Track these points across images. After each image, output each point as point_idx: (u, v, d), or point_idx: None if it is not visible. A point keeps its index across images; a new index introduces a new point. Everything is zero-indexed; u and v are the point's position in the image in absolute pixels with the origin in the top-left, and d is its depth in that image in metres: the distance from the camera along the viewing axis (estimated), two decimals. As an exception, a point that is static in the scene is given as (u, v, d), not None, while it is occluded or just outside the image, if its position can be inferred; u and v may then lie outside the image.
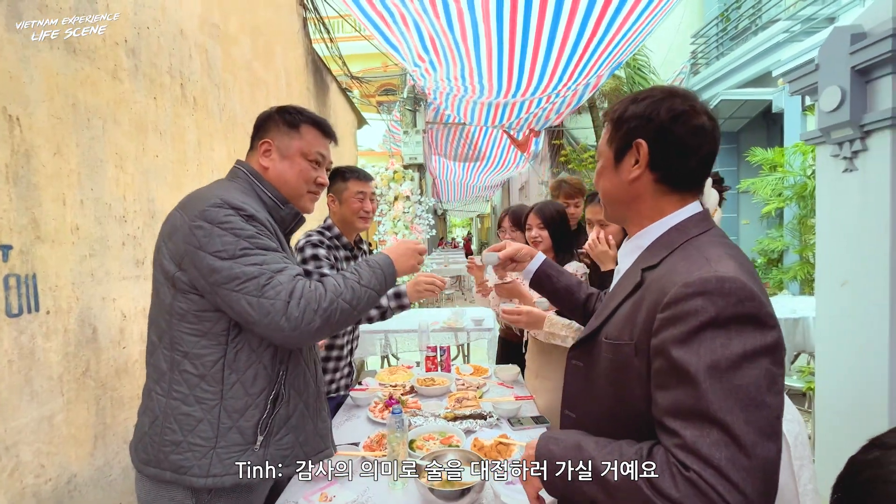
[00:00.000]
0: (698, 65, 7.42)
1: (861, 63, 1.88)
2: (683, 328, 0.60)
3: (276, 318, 0.89)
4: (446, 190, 12.25)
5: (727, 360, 0.57)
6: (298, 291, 0.92)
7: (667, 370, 0.62)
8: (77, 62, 1.24)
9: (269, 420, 1.00)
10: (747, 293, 0.60)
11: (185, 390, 0.96)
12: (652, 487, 0.57)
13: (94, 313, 1.28)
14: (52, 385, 1.15)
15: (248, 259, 0.91)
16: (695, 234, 0.73)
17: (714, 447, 0.55)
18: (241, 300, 0.90)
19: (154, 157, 1.55)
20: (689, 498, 0.55)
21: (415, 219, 7.00)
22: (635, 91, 0.99)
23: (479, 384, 1.98)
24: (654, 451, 0.60)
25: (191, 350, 0.96)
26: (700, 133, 0.74)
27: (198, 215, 0.92)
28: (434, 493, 1.13)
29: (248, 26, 2.29)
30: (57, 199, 1.17)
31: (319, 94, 3.67)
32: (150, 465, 0.97)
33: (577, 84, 4.48)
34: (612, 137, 0.79)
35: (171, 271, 0.95)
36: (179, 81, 1.70)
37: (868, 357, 1.94)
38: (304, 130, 1.10)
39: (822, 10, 5.02)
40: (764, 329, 0.59)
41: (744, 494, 0.53)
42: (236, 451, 0.97)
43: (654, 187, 0.76)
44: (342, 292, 0.96)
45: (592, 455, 0.65)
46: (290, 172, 1.08)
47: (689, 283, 0.62)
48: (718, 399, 0.56)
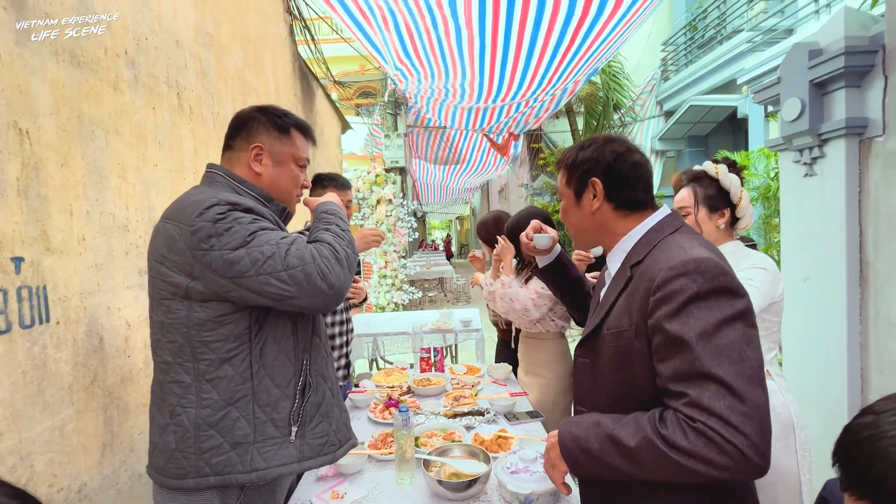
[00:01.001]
0: (668, 71, 7.74)
1: (818, 77, 2.05)
2: (673, 305, 0.71)
3: (314, 282, 0.92)
4: (426, 192, 12.30)
5: (712, 326, 0.67)
6: (315, 252, 0.96)
7: (664, 343, 0.71)
8: (81, 74, 1.25)
9: (301, 409, 1.02)
10: (720, 270, 0.71)
11: (216, 395, 0.97)
12: (666, 443, 0.65)
13: (100, 323, 1.29)
14: (62, 395, 1.16)
15: (258, 242, 0.93)
16: (669, 231, 0.86)
17: (714, 398, 0.64)
18: (269, 280, 0.91)
19: (154, 167, 1.57)
20: (699, 445, 0.63)
21: (397, 222, 7.03)
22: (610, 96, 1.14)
23: (474, 383, 2.05)
24: (665, 414, 0.69)
25: (216, 356, 0.96)
26: (637, 167, 0.90)
27: (196, 220, 0.92)
28: (443, 486, 1.19)
29: (240, 35, 2.30)
30: (65, 211, 1.18)
31: (306, 101, 3.68)
32: (189, 476, 0.97)
33: (556, 89, 4.62)
34: (568, 180, 0.95)
35: (183, 283, 0.94)
36: (176, 91, 1.71)
37: (828, 345, 2.11)
38: (294, 135, 1.11)
39: (782, 23, 5.34)
40: (736, 297, 0.70)
41: (744, 434, 0.62)
42: (273, 444, 0.99)
43: (614, 213, 0.91)
44: (333, 239, 1.01)
45: (611, 428, 0.73)
46: (283, 178, 1.10)
47: (672, 266, 0.73)
48: (710, 359, 0.66)
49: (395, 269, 6.83)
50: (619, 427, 0.72)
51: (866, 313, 2.02)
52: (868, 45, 1.91)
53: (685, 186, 1.48)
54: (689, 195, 1.45)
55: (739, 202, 1.42)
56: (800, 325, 2.30)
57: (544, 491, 1.15)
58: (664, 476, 0.67)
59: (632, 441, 0.68)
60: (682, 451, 0.64)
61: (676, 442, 0.64)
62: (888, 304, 1.92)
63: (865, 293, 2.02)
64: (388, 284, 6.77)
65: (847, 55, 1.91)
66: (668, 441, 0.65)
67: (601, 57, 3.87)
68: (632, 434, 0.69)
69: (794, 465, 1.36)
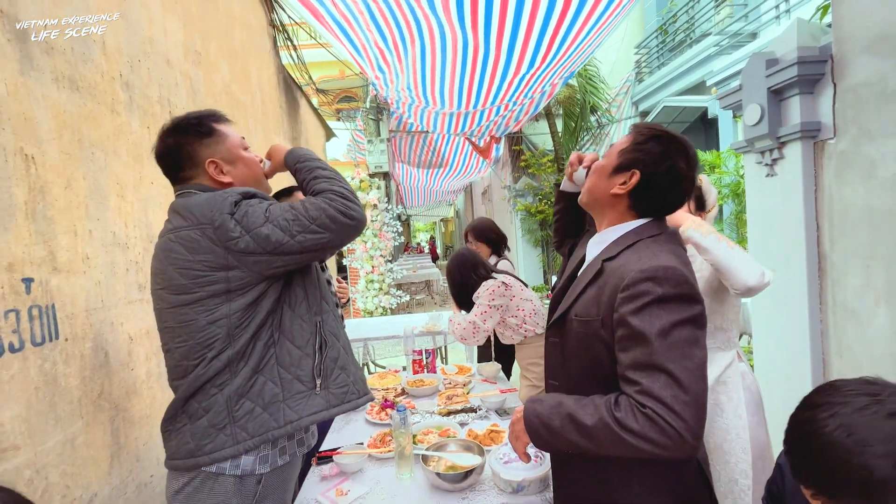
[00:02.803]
0: (642, 73, 7.99)
1: (775, 85, 2.21)
2: (638, 303, 0.80)
3: (340, 221, 1.02)
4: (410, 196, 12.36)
5: (669, 326, 0.78)
6: (323, 199, 1.04)
7: (627, 336, 0.82)
8: (81, 99, 1.30)
9: (322, 364, 1.11)
10: (683, 279, 0.81)
11: (247, 369, 1.05)
12: (618, 424, 0.76)
13: (105, 338, 1.34)
14: (72, 409, 1.20)
15: (275, 213, 1.01)
16: (647, 235, 0.93)
17: (662, 388, 0.75)
18: (305, 237, 1.00)
19: (150, 185, 1.61)
20: (646, 428, 0.74)
21: (383, 226, 7.08)
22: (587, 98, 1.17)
23: (465, 382, 2.14)
24: (619, 399, 0.80)
25: (248, 335, 1.04)
26: (680, 195, 0.94)
27: (214, 216, 0.99)
28: (441, 478, 1.28)
29: (226, 50, 2.34)
30: (69, 231, 1.23)
31: (291, 112, 3.72)
32: (226, 446, 1.03)
33: (534, 92, 4.74)
34: (624, 150, 0.95)
35: (221, 277, 1.01)
36: (168, 109, 1.75)
37: (792, 333, 2.27)
38: (218, 129, 1.14)
39: (747, 27, 5.60)
40: (692, 304, 0.81)
41: (684, 420, 0.73)
42: (302, 397, 1.08)
43: (625, 206, 0.96)
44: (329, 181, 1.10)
45: (572, 408, 0.83)
46: (246, 170, 1.16)
47: (643, 270, 0.82)
48: (663, 354, 0.76)
49: (382, 274, 6.87)
50: (578, 408, 0.82)
51: (825, 302, 2.18)
52: (818, 55, 2.07)
53: None
54: None
55: (711, 210, 1.55)
56: (766, 314, 2.46)
57: (535, 478, 1.24)
58: (614, 451, 0.77)
59: (589, 421, 0.79)
60: (632, 432, 0.74)
61: (628, 424, 0.75)
62: (844, 292, 2.08)
63: (824, 283, 2.18)
64: (375, 289, 6.81)
65: (800, 64, 2.07)
66: (620, 423, 0.75)
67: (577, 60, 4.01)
68: (590, 415, 0.79)
69: (766, 437, 1.49)
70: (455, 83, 4.36)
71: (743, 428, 1.41)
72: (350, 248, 6.90)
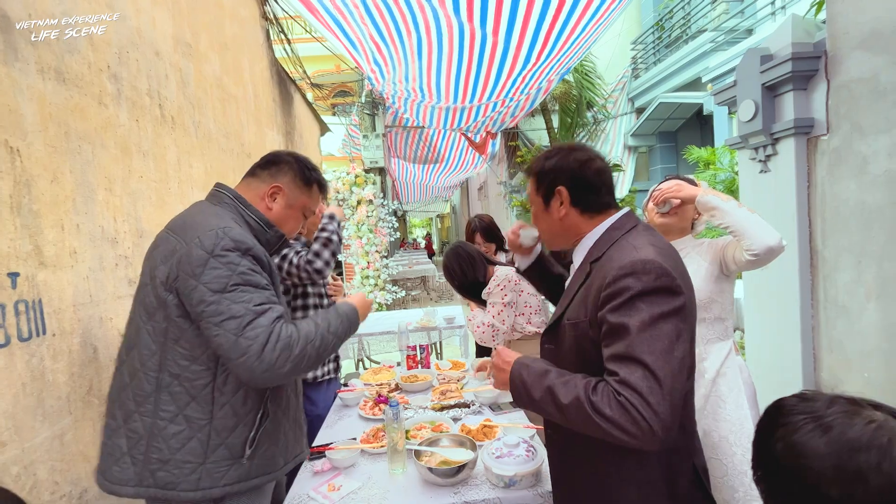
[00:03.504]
0: (638, 69, 7.98)
1: (769, 81, 2.21)
2: (620, 300, 0.82)
3: (250, 360, 0.94)
4: (406, 191, 12.33)
5: (650, 319, 0.79)
6: (275, 336, 0.96)
7: (609, 331, 0.83)
8: (67, 91, 1.27)
9: (257, 435, 1.06)
10: (663, 271, 0.82)
11: (174, 409, 1.00)
12: (593, 407, 0.78)
13: (93, 333, 1.32)
14: (61, 405, 1.19)
15: (235, 296, 0.96)
16: (627, 228, 0.96)
17: (640, 380, 0.76)
18: (220, 335, 0.94)
19: (139, 178, 1.59)
20: (619, 415, 0.76)
21: (378, 222, 7.06)
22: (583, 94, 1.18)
23: (459, 377, 2.14)
24: (599, 384, 0.82)
25: (181, 373, 1.00)
26: (601, 173, 0.98)
27: (197, 244, 0.97)
28: (433, 472, 1.28)
29: (217, 43, 2.32)
30: (56, 225, 1.21)
31: (284, 105, 3.69)
32: (130, 484, 1.00)
33: (530, 88, 4.73)
34: (537, 188, 1.03)
35: (163, 296, 0.99)
36: (158, 102, 1.73)
37: (784, 328, 2.29)
38: (313, 189, 1.22)
39: (743, 23, 5.61)
40: (674, 296, 0.81)
41: (656, 412, 0.75)
42: (225, 465, 1.02)
43: (581, 217, 0.99)
44: (313, 339, 1.03)
45: (553, 383, 0.85)
46: (288, 221, 1.19)
47: (622, 266, 0.84)
48: (643, 347, 0.78)
49: (378, 270, 6.86)
50: (560, 384, 0.85)
51: (817, 297, 2.19)
52: (812, 51, 2.07)
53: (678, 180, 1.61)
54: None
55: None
56: (758, 310, 2.48)
57: (527, 472, 1.25)
58: (585, 431, 0.81)
59: (566, 399, 0.82)
60: (605, 417, 0.77)
61: (602, 409, 0.77)
62: (835, 288, 2.09)
63: (815, 279, 2.19)
64: (370, 285, 6.80)
65: (794, 60, 2.07)
66: (595, 407, 0.78)
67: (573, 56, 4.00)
68: (568, 393, 0.82)
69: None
70: (451, 77, 4.33)
71: (746, 418, 1.42)
72: (346, 244, 6.88)
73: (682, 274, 0.87)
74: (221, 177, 2.30)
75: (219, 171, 2.24)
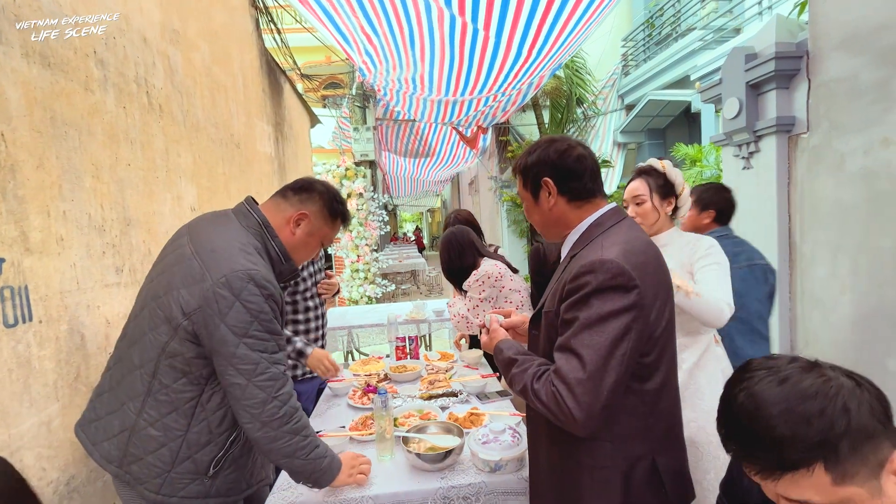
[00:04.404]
0: (628, 66, 8.04)
1: (753, 79, 2.26)
2: (578, 295, 0.87)
3: (253, 406, 1.00)
4: (396, 185, 12.29)
5: (597, 316, 0.84)
6: (286, 395, 1.04)
7: (562, 322, 0.90)
8: (53, 75, 1.26)
9: (224, 457, 1.10)
10: (619, 270, 0.86)
11: (156, 415, 1.05)
12: (533, 393, 0.89)
13: (81, 321, 1.32)
14: (48, 391, 1.19)
15: (255, 342, 1.01)
16: (608, 226, 0.98)
17: (571, 371, 0.83)
18: (234, 377, 1.00)
19: (126, 166, 1.58)
20: (549, 402, 0.85)
21: (368, 215, 7.04)
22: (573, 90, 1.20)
23: (448, 367, 2.17)
24: (544, 373, 0.90)
25: (171, 384, 1.04)
26: (581, 159, 1.01)
27: (224, 284, 0.99)
28: (421, 458, 1.30)
29: (206, 31, 2.29)
30: (42, 212, 1.20)
31: (274, 96, 3.66)
32: (113, 463, 1.06)
33: (522, 83, 4.75)
34: (524, 184, 1.07)
35: (177, 318, 1.02)
36: (146, 89, 1.71)
37: (764, 322, 2.36)
38: (337, 223, 1.25)
39: (731, 23, 5.68)
40: (627, 293, 0.85)
41: (578, 402, 0.81)
42: (188, 478, 1.07)
43: (569, 206, 1.02)
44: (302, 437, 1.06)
45: (514, 372, 0.96)
46: (305, 248, 1.22)
47: (583, 264, 0.89)
48: (583, 340, 0.84)
49: (368, 263, 6.85)
50: (518, 372, 0.96)
51: (794, 291, 2.26)
52: (795, 50, 2.12)
53: (636, 178, 1.63)
54: (643, 185, 1.58)
55: (682, 193, 1.57)
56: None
57: (512, 457, 1.28)
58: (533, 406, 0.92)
59: (517, 388, 0.95)
60: (541, 402, 0.88)
61: (539, 396, 0.88)
62: (812, 282, 2.16)
63: (794, 273, 2.26)
64: (360, 278, 6.79)
65: (777, 59, 2.12)
66: (535, 392, 0.89)
67: (565, 52, 4.02)
68: (519, 382, 0.94)
69: None
70: (444, 68, 4.32)
71: None
72: (336, 238, 6.85)
73: (652, 271, 0.90)
74: (210, 167, 2.29)
75: (207, 161, 2.23)
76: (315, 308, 2.11)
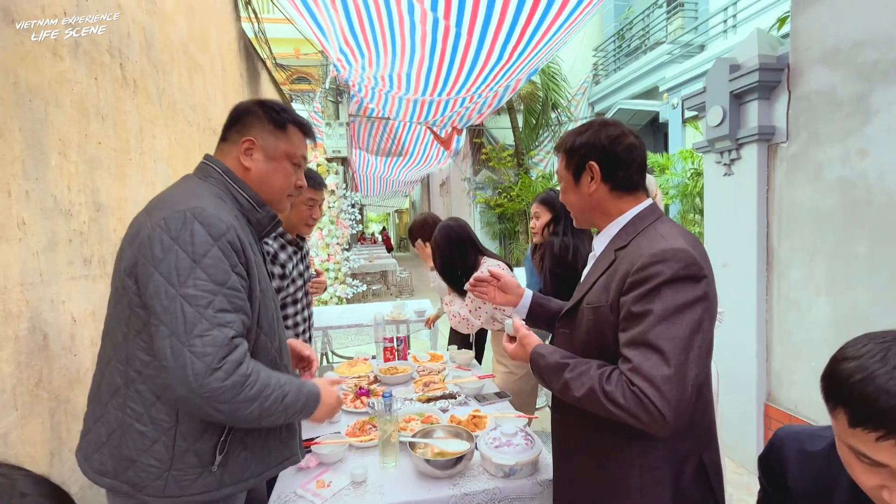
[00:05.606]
0: (599, 76, 8.29)
1: (737, 89, 2.35)
2: (648, 286, 0.83)
3: (187, 377, 0.80)
4: (365, 184, 12.05)
5: (673, 307, 0.80)
6: (231, 364, 0.83)
7: (630, 316, 0.84)
8: (17, 35, 1.09)
9: (227, 440, 0.95)
10: (691, 260, 0.83)
11: (140, 409, 0.89)
12: (606, 397, 0.81)
13: (44, 318, 1.15)
14: (5, 399, 1.02)
15: (194, 295, 0.82)
16: (651, 220, 0.96)
17: (653, 368, 0.77)
18: (165, 339, 0.82)
19: (97, 144, 1.41)
20: (632, 405, 0.78)
21: (340, 214, 6.84)
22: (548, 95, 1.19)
23: (440, 369, 2.10)
24: (612, 374, 0.83)
25: (144, 370, 0.89)
26: (632, 149, 0.98)
27: (161, 225, 0.84)
28: (430, 464, 1.23)
29: (184, 4, 2.11)
30: (2, 190, 1.03)
31: (252, 82, 3.46)
32: (108, 475, 0.91)
33: (499, 86, 4.77)
34: (567, 164, 1.02)
35: (125, 282, 0.87)
36: (119, 61, 1.54)
37: (742, 321, 2.45)
38: (291, 131, 1.05)
39: (696, 39, 5.97)
40: (698, 283, 0.83)
41: (668, 402, 0.76)
42: (193, 473, 0.92)
43: (610, 195, 0.99)
44: (267, 394, 0.89)
45: (567, 378, 0.88)
46: (274, 176, 1.04)
47: (653, 254, 0.84)
48: (662, 333, 0.79)
49: (339, 263, 6.65)
50: (573, 377, 0.87)
51: (771, 293, 2.37)
52: (776, 63, 2.23)
53: None
54: None
55: (655, 197, 1.61)
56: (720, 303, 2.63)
57: (527, 461, 1.23)
58: (599, 414, 0.84)
59: (579, 392, 0.85)
60: (618, 406, 0.79)
61: (616, 399, 0.80)
62: (788, 284, 2.27)
63: (771, 275, 2.37)
64: (331, 278, 6.57)
65: (760, 71, 2.21)
66: (608, 396, 0.81)
67: (545, 56, 4.07)
68: (581, 386, 0.85)
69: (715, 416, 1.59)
70: (423, 67, 4.26)
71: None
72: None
73: (708, 263, 0.89)
74: (186, 151, 2.11)
75: (184, 144, 2.05)
76: (304, 308, 2.00)
